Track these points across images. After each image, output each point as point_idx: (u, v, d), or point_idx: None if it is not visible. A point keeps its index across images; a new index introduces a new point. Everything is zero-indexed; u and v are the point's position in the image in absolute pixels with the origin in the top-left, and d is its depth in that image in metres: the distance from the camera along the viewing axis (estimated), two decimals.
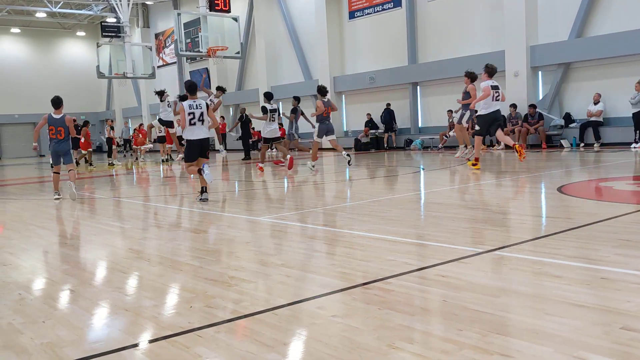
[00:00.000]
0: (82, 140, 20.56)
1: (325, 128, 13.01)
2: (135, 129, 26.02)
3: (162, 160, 21.49)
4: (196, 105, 8.77)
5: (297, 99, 16.58)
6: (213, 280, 3.96)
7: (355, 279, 3.77)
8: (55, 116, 10.71)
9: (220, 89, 16.44)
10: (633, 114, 15.06)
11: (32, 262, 5.06)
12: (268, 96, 14.68)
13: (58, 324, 3.21)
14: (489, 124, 10.99)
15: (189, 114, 8.61)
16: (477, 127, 11.13)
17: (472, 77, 13.12)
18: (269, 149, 15.24)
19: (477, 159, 11.14)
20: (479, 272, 3.75)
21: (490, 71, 11.16)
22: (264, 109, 14.31)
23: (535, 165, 11.87)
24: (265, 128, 14.26)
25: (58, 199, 10.03)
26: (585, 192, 7.76)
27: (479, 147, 11.25)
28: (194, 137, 8.66)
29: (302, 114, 16.35)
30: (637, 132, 14.99)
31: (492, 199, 7.51)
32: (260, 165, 14.10)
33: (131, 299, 3.68)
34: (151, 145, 22.82)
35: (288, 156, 13.42)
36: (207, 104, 9.30)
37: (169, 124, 17.58)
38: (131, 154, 25.85)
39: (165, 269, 4.42)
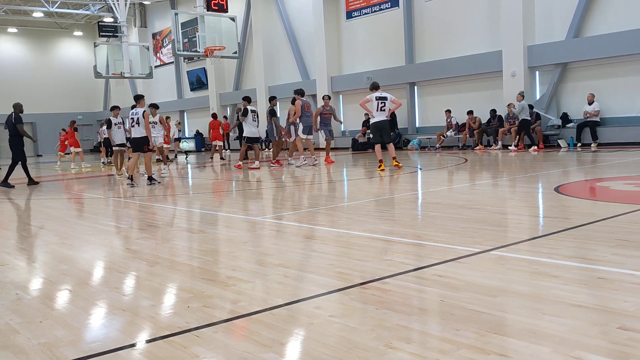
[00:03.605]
0: (66, 141, 21.08)
1: (309, 127, 14.63)
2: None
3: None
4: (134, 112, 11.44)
5: (273, 98, 16.63)
6: (211, 280, 3.95)
7: (352, 278, 3.77)
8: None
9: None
10: (521, 120, 16.55)
11: (29, 262, 5.05)
12: (247, 99, 15.31)
13: (55, 324, 3.20)
14: (380, 132, 12.10)
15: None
16: (371, 136, 12.30)
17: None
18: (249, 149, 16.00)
19: (380, 161, 12.17)
20: (476, 272, 3.75)
21: (374, 86, 12.23)
22: (245, 111, 15.02)
23: (533, 165, 11.89)
24: (246, 129, 15.13)
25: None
26: (583, 192, 7.77)
27: (379, 153, 12.20)
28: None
29: (275, 114, 16.26)
30: (518, 137, 16.81)
31: (489, 199, 7.52)
32: (239, 163, 15.09)
33: (129, 299, 3.68)
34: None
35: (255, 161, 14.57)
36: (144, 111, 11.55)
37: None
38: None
39: (163, 269, 4.41)
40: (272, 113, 15.91)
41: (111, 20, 31.21)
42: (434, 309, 3.12)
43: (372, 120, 12.17)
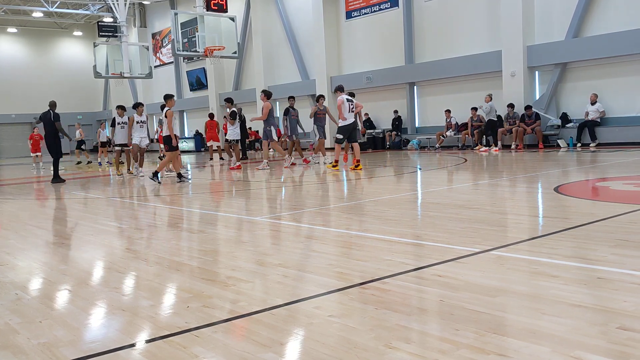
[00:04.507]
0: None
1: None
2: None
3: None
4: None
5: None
6: (210, 280, 3.95)
7: (352, 279, 3.77)
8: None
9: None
10: (488, 121, 17.52)
11: (29, 262, 5.05)
12: (230, 100, 15.75)
13: (55, 324, 3.20)
14: (350, 133, 12.73)
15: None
16: (338, 136, 12.83)
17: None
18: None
19: (337, 161, 13.10)
20: (476, 272, 3.75)
21: (341, 88, 13.02)
22: (233, 114, 15.60)
23: (532, 165, 11.89)
24: (230, 130, 15.78)
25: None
26: (582, 192, 7.78)
27: (339, 152, 13.18)
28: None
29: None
30: (486, 138, 17.75)
31: (489, 199, 7.52)
32: (238, 164, 15.45)
33: (128, 299, 3.68)
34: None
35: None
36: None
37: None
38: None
39: (163, 269, 4.41)
40: (285, 112, 15.89)
41: (111, 20, 31.20)
42: (434, 309, 3.12)
43: (343, 122, 12.64)
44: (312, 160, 15.48)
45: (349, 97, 12.78)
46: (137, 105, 14.93)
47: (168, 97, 12.05)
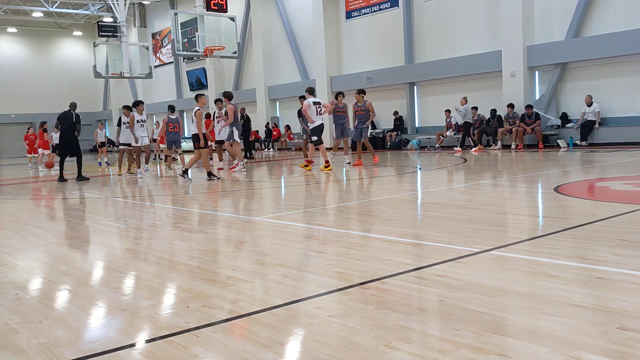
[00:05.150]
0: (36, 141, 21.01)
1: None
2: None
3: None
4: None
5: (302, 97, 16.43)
6: (210, 280, 3.95)
7: (352, 278, 3.77)
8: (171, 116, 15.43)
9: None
10: (463, 123, 18.34)
11: (29, 262, 5.05)
12: (311, 91, 14.39)
13: (55, 324, 3.20)
14: (321, 133, 13.17)
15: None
16: (314, 138, 13.19)
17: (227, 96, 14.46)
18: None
19: (310, 162, 13.60)
20: (476, 272, 3.75)
21: (310, 90, 13.55)
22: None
23: (532, 165, 11.89)
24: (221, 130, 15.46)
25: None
26: (582, 192, 7.78)
27: (313, 152, 13.78)
28: None
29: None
30: (466, 138, 18.34)
31: (489, 199, 7.52)
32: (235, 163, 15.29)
33: (128, 299, 3.68)
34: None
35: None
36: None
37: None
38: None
39: (162, 269, 4.41)
40: (299, 114, 15.61)
41: (111, 20, 31.22)
42: (434, 309, 3.12)
43: (312, 125, 13.05)
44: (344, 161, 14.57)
45: (316, 100, 13.26)
46: (137, 104, 14.86)
47: (199, 96, 12.19)
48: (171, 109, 16.15)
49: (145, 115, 15.07)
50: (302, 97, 15.37)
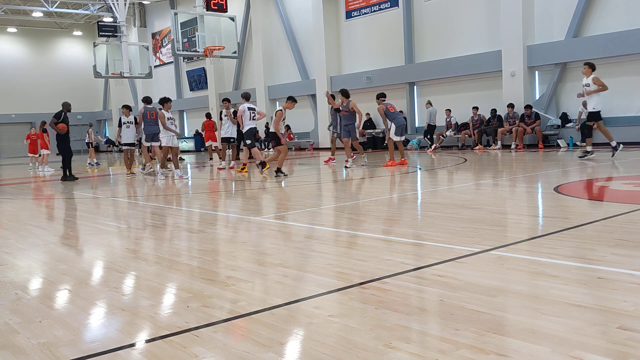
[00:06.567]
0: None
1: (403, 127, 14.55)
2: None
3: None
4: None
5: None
6: (210, 280, 3.95)
7: (352, 278, 3.77)
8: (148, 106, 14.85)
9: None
10: (427, 125, 19.37)
11: (28, 261, 5.05)
12: (247, 97, 14.83)
13: (55, 323, 3.20)
14: (254, 137, 13.91)
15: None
16: (247, 141, 13.86)
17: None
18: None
19: (245, 165, 14.30)
20: (475, 271, 3.75)
21: (246, 96, 14.09)
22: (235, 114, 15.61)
23: (532, 165, 11.89)
24: (225, 129, 15.88)
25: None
26: (582, 192, 7.78)
27: (247, 155, 14.40)
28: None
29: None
30: (428, 138, 19.23)
31: (489, 199, 7.52)
32: (233, 164, 15.74)
33: (128, 299, 3.68)
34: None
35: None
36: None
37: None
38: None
39: (162, 269, 4.41)
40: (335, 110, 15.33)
41: (110, 20, 31.22)
42: (434, 308, 3.12)
43: (245, 129, 13.69)
44: (357, 162, 14.16)
45: (250, 106, 13.82)
46: (166, 101, 13.60)
47: (289, 99, 12.45)
48: (147, 100, 15.22)
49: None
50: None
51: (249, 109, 13.75)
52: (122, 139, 15.09)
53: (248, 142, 13.80)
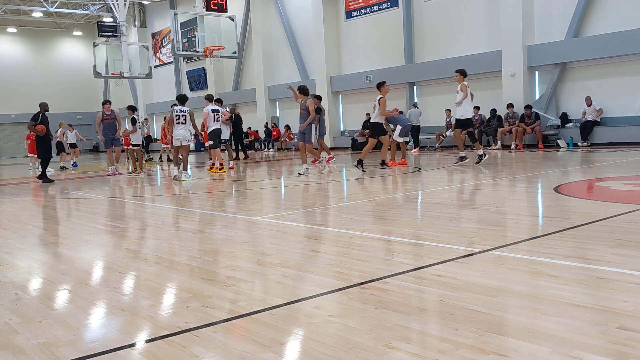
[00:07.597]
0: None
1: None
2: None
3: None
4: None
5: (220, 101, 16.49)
6: (210, 280, 3.95)
7: (352, 278, 3.77)
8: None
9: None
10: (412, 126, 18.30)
11: (28, 261, 5.05)
12: (210, 98, 15.08)
13: (55, 323, 3.20)
14: (218, 138, 14.32)
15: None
16: (210, 142, 14.30)
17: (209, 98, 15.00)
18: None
19: (222, 165, 14.38)
20: (475, 271, 3.75)
21: (210, 98, 14.56)
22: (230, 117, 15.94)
23: (532, 165, 11.89)
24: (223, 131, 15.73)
25: None
26: (582, 192, 7.78)
27: (220, 156, 14.52)
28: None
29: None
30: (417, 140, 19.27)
31: (488, 199, 7.52)
32: (232, 164, 15.93)
33: (128, 299, 3.68)
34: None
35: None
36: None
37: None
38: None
39: (162, 269, 4.41)
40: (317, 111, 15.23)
41: (110, 20, 31.23)
42: (433, 308, 3.12)
43: (209, 130, 14.11)
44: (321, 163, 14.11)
45: (214, 108, 14.15)
46: (184, 100, 13.19)
47: (383, 84, 12.10)
48: (108, 102, 15.36)
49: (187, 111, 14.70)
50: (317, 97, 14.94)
51: (213, 110, 14.07)
52: (132, 139, 15.30)
53: (211, 142, 14.15)
